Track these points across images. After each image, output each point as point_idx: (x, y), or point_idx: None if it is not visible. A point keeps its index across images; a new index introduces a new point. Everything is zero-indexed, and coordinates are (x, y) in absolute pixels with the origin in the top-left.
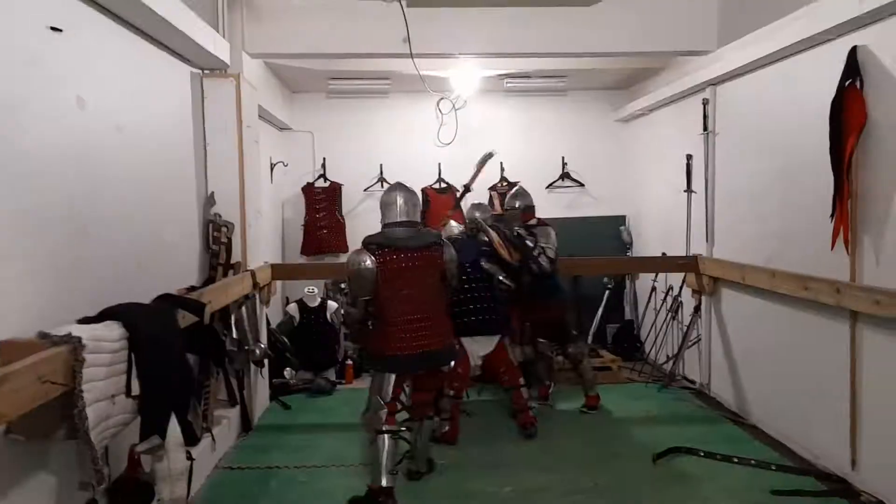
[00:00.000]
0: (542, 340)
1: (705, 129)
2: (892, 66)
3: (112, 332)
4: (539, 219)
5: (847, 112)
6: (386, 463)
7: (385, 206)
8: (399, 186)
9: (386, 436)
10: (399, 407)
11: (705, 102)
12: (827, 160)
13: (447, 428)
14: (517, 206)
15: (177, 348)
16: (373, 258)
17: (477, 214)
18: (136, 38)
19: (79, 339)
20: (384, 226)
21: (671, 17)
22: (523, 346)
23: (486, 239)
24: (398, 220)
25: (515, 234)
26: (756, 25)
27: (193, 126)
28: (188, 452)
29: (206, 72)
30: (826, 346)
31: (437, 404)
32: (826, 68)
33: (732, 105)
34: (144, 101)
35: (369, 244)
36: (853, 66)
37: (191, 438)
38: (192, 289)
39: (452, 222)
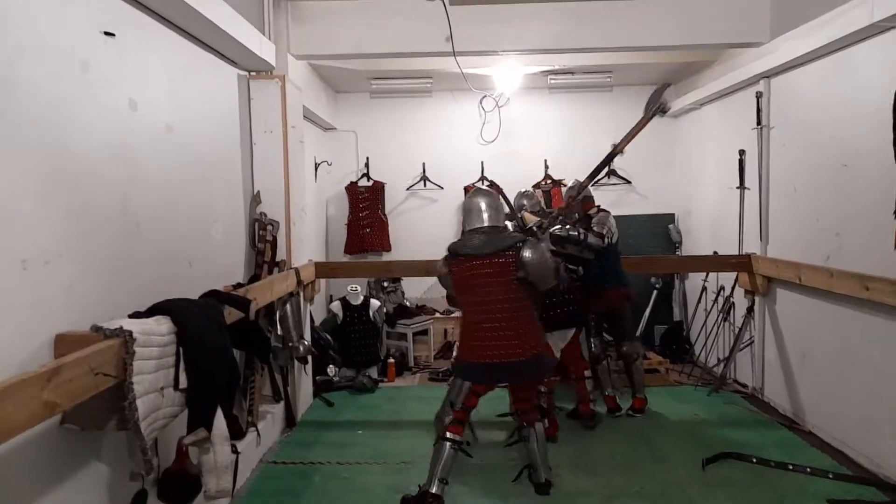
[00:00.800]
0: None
1: (759, 123)
2: None
3: (161, 326)
4: (598, 206)
5: None
6: (438, 471)
7: (465, 212)
8: (479, 192)
9: (447, 443)
10: (467, 417)
11: (759, 96)
12: (889, 153)
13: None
14: (525, 204)
15: (223, 343)
16: (445, 266)
17: (524, 202)
18: (185, 42)
19: (130, 332)
20: (464, 233)
21: (721, 7)
22: (592, 340)
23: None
24: (475, 227)
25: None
26: (812, 14)
27: (240, 126)
28: (234, 446)
29: (252, 73)
30: (888, 349)
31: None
32: (887, 57)
33: (787, 98)
34: (193, 103)
35: (448, 251)
36: None
37: (236, 432)
38: (238, 286)
39: (527, 214)
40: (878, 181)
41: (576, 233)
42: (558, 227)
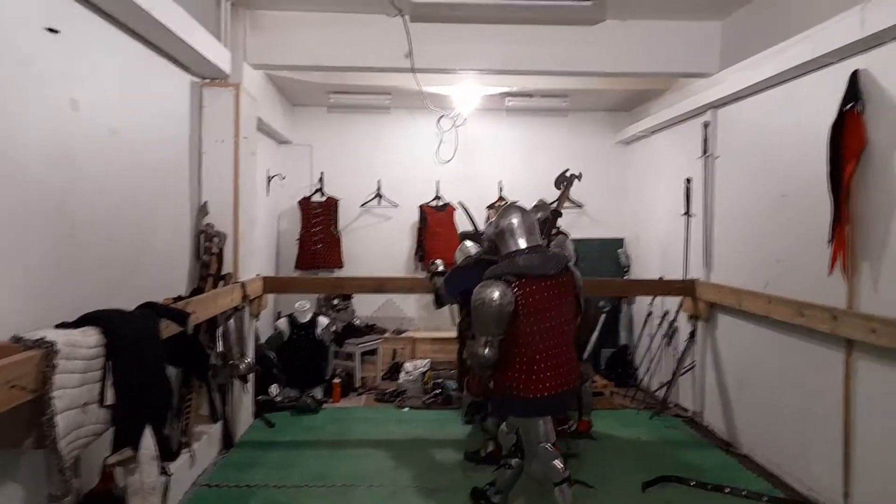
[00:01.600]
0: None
1: (705, 152)
2: (893, 91)
3: (88, 338)
4: (558, 228)
5: (847, 136)
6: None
7: (504, 233)
8: (514, 209)
9: (565, 485)
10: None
11: (706, 125)
12: (826, 185)
13: (492, 447)
14: (539, 217)
15: (157, 358)
16: (509, 290)
17: (539, 215)
18: (136, 44)
19: (52, 343)
20: (509, 254)
21: (674, 39)
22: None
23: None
24: (524, 246)
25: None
26: (758, 49)
27: (190, 134)
28: (165, 467)
29: (205, 80)
30: (820, 374)
31: (482, 424)
32: (827, 92)
33: (733, 128)
34: (141, 107)
35: (502, 275)
36: (854, 90)
37: (168, 453)
38: (178, 298)
39: (468, 242)
40: (815, 211)
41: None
42: None
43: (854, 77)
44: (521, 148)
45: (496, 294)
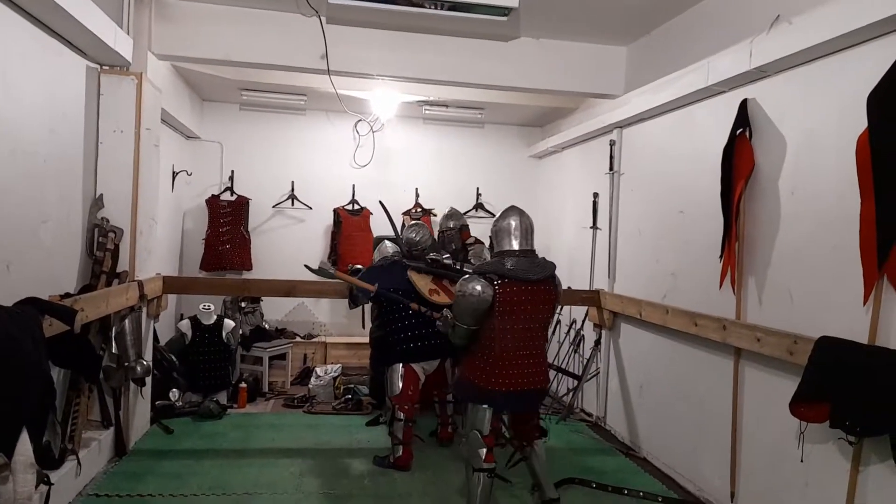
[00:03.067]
0: None
1: (611, 168)
2: (776, 119)
3: None
4: (475, 238)
5: (737, 159)
6: (479, 500)
7: (501, 231)
8: (515, 210)
9: (482, 474)
10: (503, 441)
11: (612, 144)
12: (719, 203)
13: (400, 454)
14: (452, 226)
15: (35, 358)
16: (490, 287)
17: (451, 224)
18: (22, 21)
19: None
20: (499, 253)
21: (583, 60)
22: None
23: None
24: (517, 248)
25: (430, 260)
26: (659, 74)
27: (86, 123)
28: (45, 476)
29: (104, 67)
30: (712, 381)
31: (390, 429)
32: (720, 118)
33: (636, 147)
34: (28, 90)
35: (486, 273)
36: (743, 117)
37: (49, 460)
38: (66, 296)
39: (387, 243)
40: (709, 228)
41: (455, 264)
42: (434, 254)
43: (743, 105)
44: (437, 156)
45: (477, 289)
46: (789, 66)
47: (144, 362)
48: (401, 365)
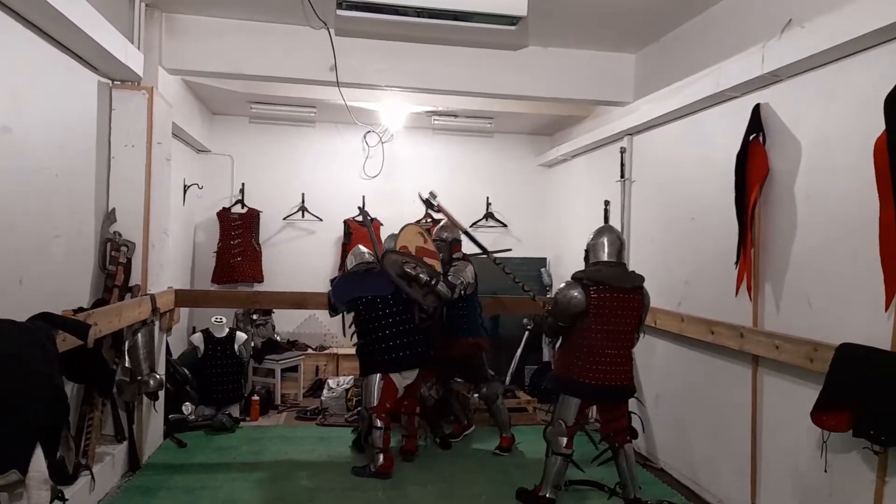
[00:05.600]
0: (458, 380)
1: (622, 176)
2: (791, 123)
3: None
4: (465, 254)
5: (751, 164)
6: (553, 479)
7: (597, 246)
8: (608, 228)
9: (560, 458)
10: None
11: (623, 151)
12: (733, 209)
13: (381, 461)
14: (445, 237)
15: (48, 373)
16: (583, 292)
17: (444, 234)
18: (32, 36)
19: None
20: (594, 264)
21: (592, 68)
22: (435, 385)
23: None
24: (610, 259)
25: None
26: (669, 81)
27: (97, 137)
28: (60, 492)
29: (115, 82)
30: (730, 389)
31: (367, 439)
32: (732, 123)
33: (647, 155)
34: (40, 105)
35: (583, 279)
36: (756, 122)
37: (63, 476)
38: (80, 310)
39: (361, 246)
40: (722, 234)
41: (425, 276)
42: (411, 265)
43: (756, 110)
44: (447, 166)
45: (575, 294)
46: (803, 70)
47: (157, 376)
48: (378, 376)
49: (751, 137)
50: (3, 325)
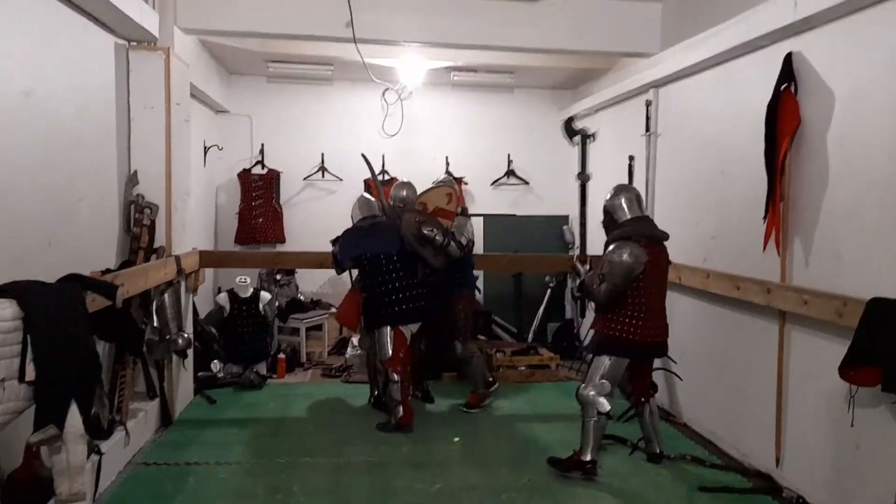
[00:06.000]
0: (481, 337)
1: (647, 130)
2: (824, 72)
3: (3, 310)
4: (463, 208)
5: (781, 115)
6: (594, 442)
7: (621, 204)
8: (625, 186)
9: (604, 418)
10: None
11: (648, 104)
12: (762, 162)
13: (402, 413)
14: (403, 195)
15: (80, 333)
16: (644, 251)
17: (403, 193)
18: None
19: None
20: (631, 220)
21: (616, 18)
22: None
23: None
24: (642, 214)
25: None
26: (697, 30)
27: (117, 100)
28: (96, 447)
29: (132, 43)
30: (756, 345)
31: (385, 391)
32: (763, 73)
33: (674, 107)
34: (59, 68)
35: (635, 236)
36: (788, 72)
37: (98, 431)
38: (107, 272)
39: (368, 196)
40: (751, 187)
41: (440, 238)
42: (428, 227)
43: (788, 59)
44: (467, 123)
45: (635, 253)
46: (837, 17)
47: (185, 335)
48: (389, 328)
49: (782, 87)
50: (35, 286)
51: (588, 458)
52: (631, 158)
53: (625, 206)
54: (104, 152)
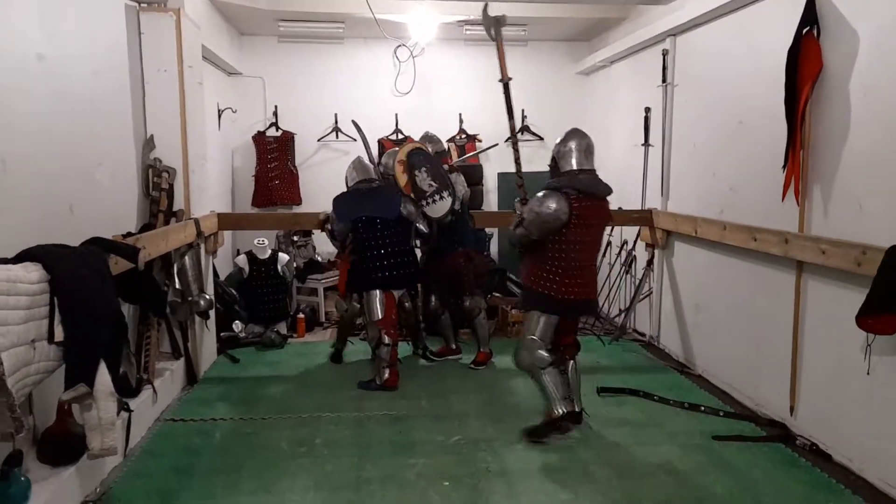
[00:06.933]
0: (496, 294)
1: (664, 80)
2: (849, 14)
3: (30, 273)
4: (451, 166)
5: (803, 61)
6: (558, 392)
7: (567, 153)
8: (577, 132)
9: (550, 368)
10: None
11: (665, 53)
12: (782, 110)
13: (387, 375)
14: (430, 150)
15: (105, 295)
16: (567, 204)
17: (429, 148)
18: None
19: None
20: (567, 172)
21: None
22: (431, 296)
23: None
24: (584, 167)
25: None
26: None
27: (130, 63)
28: (125, 404)
29: (142, 5)
30: (772, 296)
31: (375, 353)
32: (784, 17)
33: (691, 56)
34: (71, 31)
35: (563, 188)
36: (811, 13)
37: (127, 389)
38: (128, 235)
39: (364, 159)
40: (770, 137)
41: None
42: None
43: (811, 1)
44: (481, 79)
45: (553, 206)
46: None
47: (207, 296)
48: (378, 291)
49: (804, 31)
50: (60, 249)
51: (559, 412)
52: (647, 110)
53: (573, 156)
54: (120, 117)
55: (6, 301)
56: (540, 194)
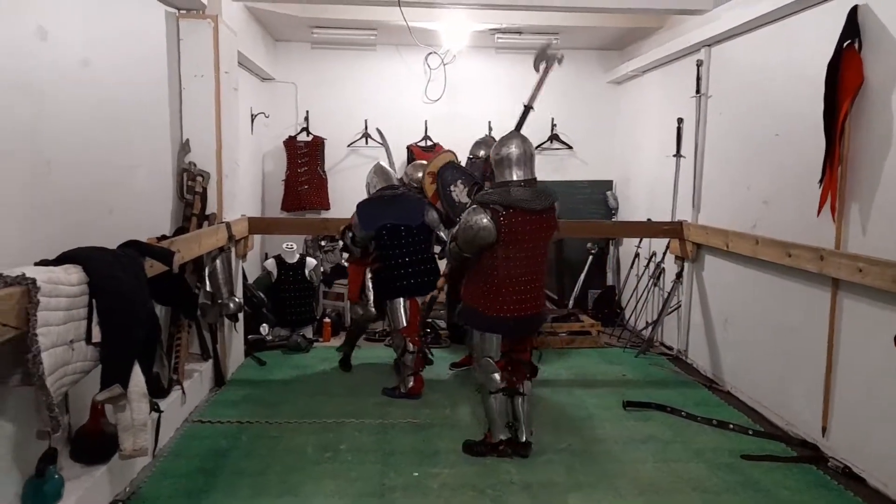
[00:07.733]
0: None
1: (698, 91)
2: (893, 27)
3: (71, 276)
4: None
5: (843, 74)
6: (501, 419)
7: (503, 161)
8: (515, 138)
9: (501, 394)
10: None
11: (699, 64)
12: (819, 123)
13: (412, 383)
14: (480, 154)
15: (141, 296)
16: (491, 219)
17: (480, 152)
18: None
19: (33, 280)
20: (502, 184)
21: None
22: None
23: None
24: (520, 178)
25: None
26: None
27: (168, 69)
28: (156, 404)
29: (182, 12)
30: (806, 314)
31: (398, 362)
32: (824, 29)
33: (727, 67)
34: (114, 37)
35: (491, 203)
36: (853, 27)
37: (158, 390)
38: (163, 238)
39: (384, 165)
40: (807, 150)
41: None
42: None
43: (853, 13)
44: (511, 87)
45: (483, 221)
46: None
47: (236, 299)
48: (402, 299)
49: (845, 44)
50: (99, 252)
51: (498, 438)
52: (680, 121)
53: (508, 165)
54: (157, 121)
55: (48, 302)
56: (469, 209)
